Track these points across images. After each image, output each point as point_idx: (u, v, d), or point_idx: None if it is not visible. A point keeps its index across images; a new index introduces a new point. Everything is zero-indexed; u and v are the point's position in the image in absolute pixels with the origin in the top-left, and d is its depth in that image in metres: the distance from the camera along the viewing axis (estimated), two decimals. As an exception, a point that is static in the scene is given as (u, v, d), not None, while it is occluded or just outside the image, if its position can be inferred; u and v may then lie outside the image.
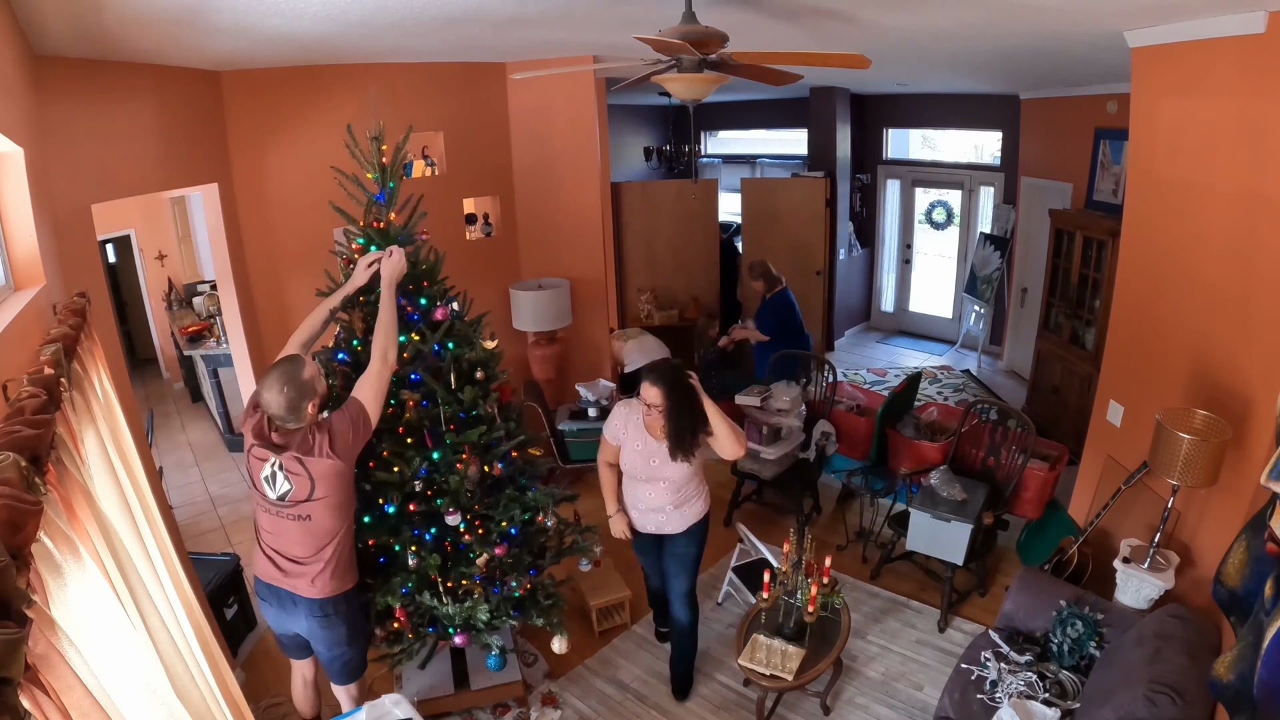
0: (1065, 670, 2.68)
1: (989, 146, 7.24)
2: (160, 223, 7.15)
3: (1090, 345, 4.97)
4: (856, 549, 4.20)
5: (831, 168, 7.14)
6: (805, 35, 3.34)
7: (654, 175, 8.94)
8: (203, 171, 3.75)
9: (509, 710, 3.15)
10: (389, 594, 2.72)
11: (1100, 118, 5.30)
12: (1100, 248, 4.85)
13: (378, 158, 2.71)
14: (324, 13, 2.55)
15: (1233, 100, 2.72)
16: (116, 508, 1.45)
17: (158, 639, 1.33)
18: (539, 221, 5.12)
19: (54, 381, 1.25)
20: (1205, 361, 2.89)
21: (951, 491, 3.49)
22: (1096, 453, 3.68)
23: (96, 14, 2.22)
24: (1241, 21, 2.53)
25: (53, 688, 0.80)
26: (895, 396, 4.44)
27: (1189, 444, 2.54)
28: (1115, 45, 3.26)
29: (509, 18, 2.90)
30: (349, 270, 2.81)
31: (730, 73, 2.35)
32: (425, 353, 2.73)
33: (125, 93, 3.14)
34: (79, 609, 0.99)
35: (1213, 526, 2.82)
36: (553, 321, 4.84)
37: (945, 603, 3.55)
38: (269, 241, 4.11)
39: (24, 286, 1.96)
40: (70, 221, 2.62)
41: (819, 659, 2.86)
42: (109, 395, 1.87)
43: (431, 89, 4.45)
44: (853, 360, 7.44)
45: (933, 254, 8.05)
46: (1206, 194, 2.89)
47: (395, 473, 2.66)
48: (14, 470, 0.90)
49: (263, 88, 3.90)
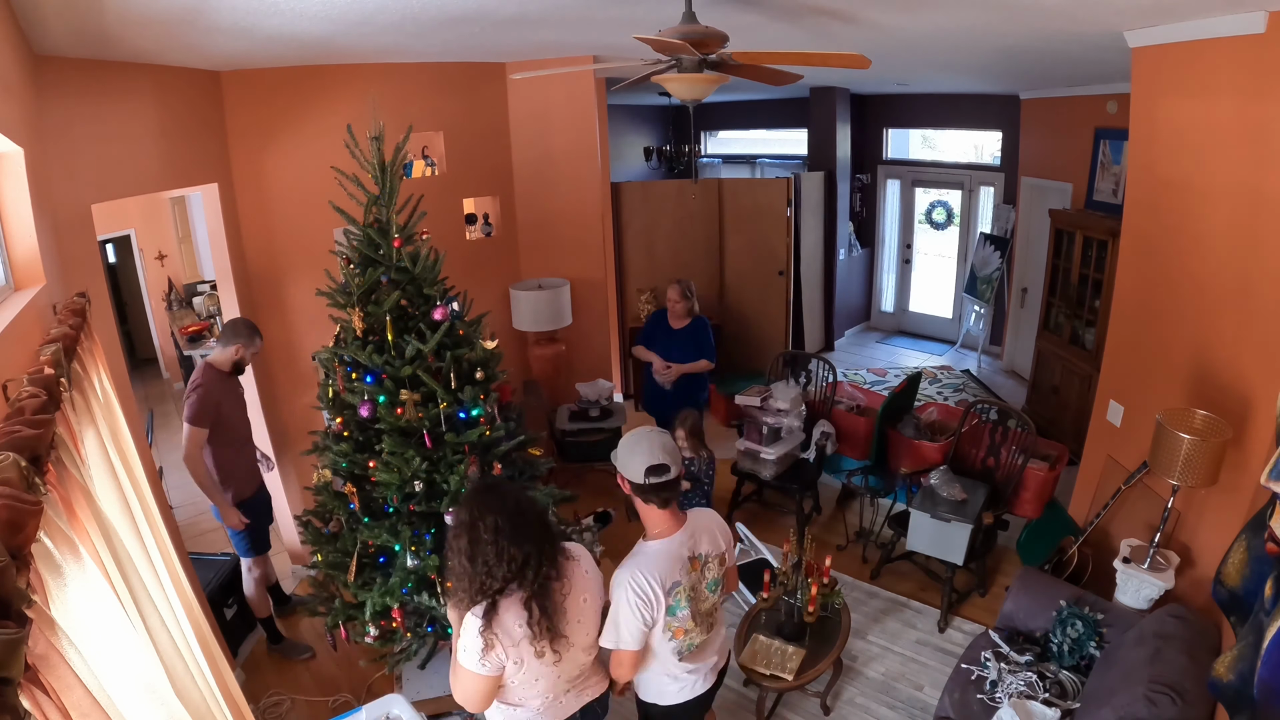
0: (1065, 670, 2.68)
1: (989, 146, 7.24)
2: (160, 223, 7.16)
3: (1090, 345, 4.97)
4: (856, 549, 4.20)
5: (831, 168, 7.14)
6: (805, 35, 3.34)
7: (654, 175, 8.94)
8: (203, 171, 3.75)
9: (509, 710, 3.14)
10: (388, 594, 2.72)
11: (1100, 118, 5.30)
12: (1100, 248, 4.85)
13: (378, 158, 2.71)
14: (324, 13, 2.55)
15: (1233, 100, 2.72)
16: (116, 508, 1.45)
17: (158, 639, 1.33)
18: (539, 221, 5.12)
19: (54, 381, 1.25)
20: (1205, 361, 2.89)
21: (951, 491, 3.49)
22: (1096, 453, 3.68)
23: (96, 14, 2.21)
24: (1241, 21, 2.53)
25: (53, 688, 0.80)
26: (895, 396, 4.44)
27: (1189, 444, 2.54)
28: (1115, 45, 3.26)
29: (509, 18, 2.90)
30: (349, 270, 2.82)
31: (730, 73, 2.35)
32: (425, 353, 2.73)
33: (125, 93, 3.14)
34: (79, 609, 0.99)
35: (1213, 526, 2.82)
36: (553, 321, 4.84)
37: (945, 603, 3.55)
38: (269, 241, 4.11)
39: (24, 286, 1.96)
40: (70, 221, 2.62)
41: (819, 659, 2.86)
42: (109, 395, 1.87)
43: (431, 89, 4.45)
44: (853, 360, 7.44)
45: (933, 254, 8.05)
46: (1207, 194, 2.89)
47: (395, 473, 2.66)
48: (14, 470, 0.90)
49: (263, 88, 3.89)
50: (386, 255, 2.75)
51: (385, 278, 2.76)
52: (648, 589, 1.93)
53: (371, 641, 2.84)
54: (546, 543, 1.87)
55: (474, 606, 1.82)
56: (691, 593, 2.02)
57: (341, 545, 2.86)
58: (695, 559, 2.04)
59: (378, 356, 2.71)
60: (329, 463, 2.89)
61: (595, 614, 1.99)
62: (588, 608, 1.96)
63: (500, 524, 1.78)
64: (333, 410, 2.86)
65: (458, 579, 1.83)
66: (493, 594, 1.80)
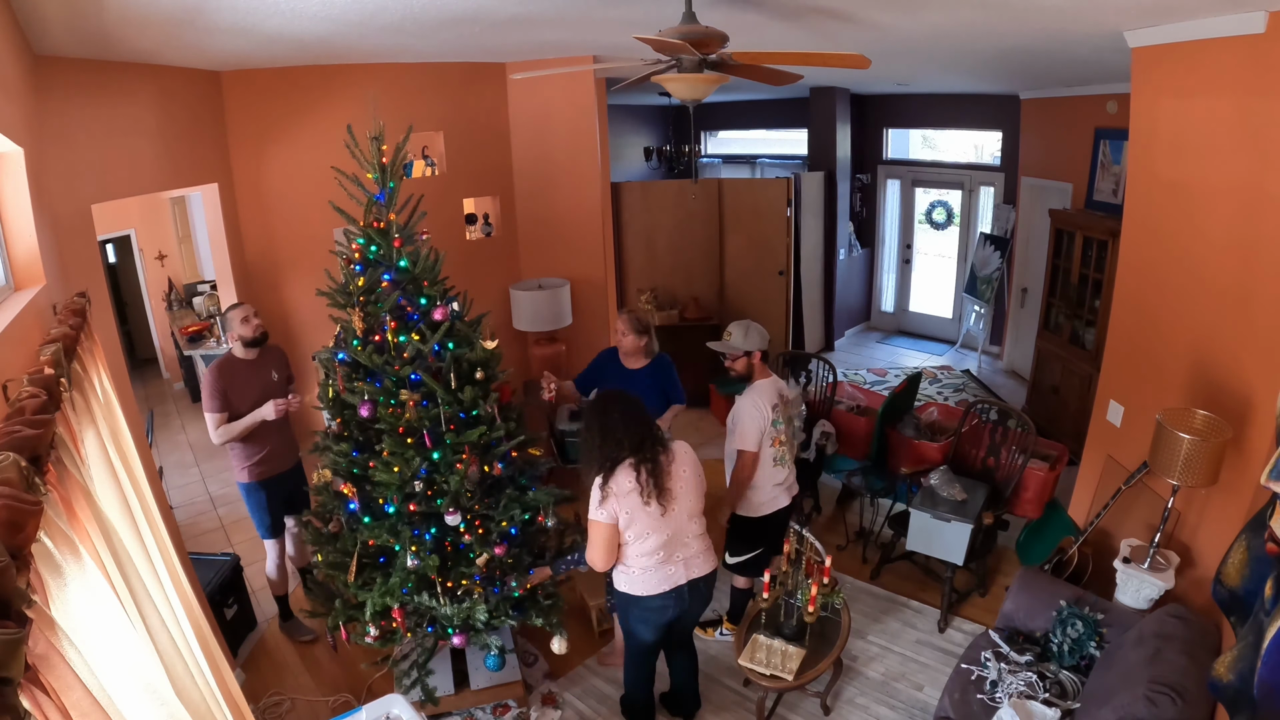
0: (1065, 670, 2.68)
1: (989, 146, 7.24)
2: (160, 223, 7.16)
3: (1090, 345, 4.97)
4: (856, 549, 4.20)
5: (831, 168, 7.14)
6: (805, 35, 3.34)
7: (654, 175, 8.94)
8: (203, 171, 3.75)
9: (509, 710, 3.15)
10: (388, 594, 2.72)
11: (1100, 118, 5.30)
12: (1100, 248, 4.85)
13: (377, 158, 2.71)
14: (324, 13, 2.55)
15: (1233, 100, 2.72)
16: (116, 508, 1.45)
17: (158, 639, 1.32)
18: (539, 221, 5.12)
19: (54, 381, 1.25)
20: (1205, 361, 2.89)
21: (951, 491, 3.49)
22: (1096, 453, 3.68)
23: (96, 14, 2.21)
24: (1241, 21, 2.53)
25: (53, 688, 0.80)
26: (895, 396, 4.43)
27: (1189, 444, 2.54)
28: (1115, 45, 3.26)
29: (509, 18, 2.90)
30: (349, 270, 2.82)
31: (730, 73, 2.35)
32: (425, 353, 2.73)
33: (125, 93, 3.14)
34: (79, 609, 0.99)
35: (1213, 526, 2.82)
36: (553, 321, 4.84)
37: (945, 603, 3.55)
38: (269, 241, 4.11)
39: (24, 286, 1.96)
40: (70, 221, 2.62)
41: (819, 659, 2.86)
42: (109, 395, 1.87)
43: (431, 89, 4.45)
44: (853, 360, 7.44)
45: (933, 254, 8.05)
46: (1207, 194, 2.89)
47: (395, 473, 2.66)
48: (14, 470, 0.90)
49: (263, 88, 3.90)
50: (386, 255, 2.75)
51: (386, 277, 2.76)
52: (762, 405, 3.03)
53: (371, 642, 2.84)
54: (653, 429, 2.51)
55: (600, 473, 2.43)
56: (783, 417, 3.13)
57: (341, 545, 2.87)
58: (776, 403, 3.08)
59: (378, 356, 2.71)
60: (329, 463, 2.89)
61: (695, 488, 2.56)
62: (689, 477, 2.53)
63: (626, 411, 2.45)
64: (333, 410, 2.86)
65: (589, 453, 2.47)
66: (616, 461, 2.41)
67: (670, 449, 2.53)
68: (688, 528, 2.55)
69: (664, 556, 2.50)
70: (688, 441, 2.65)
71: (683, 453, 2.57)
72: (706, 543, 2.64)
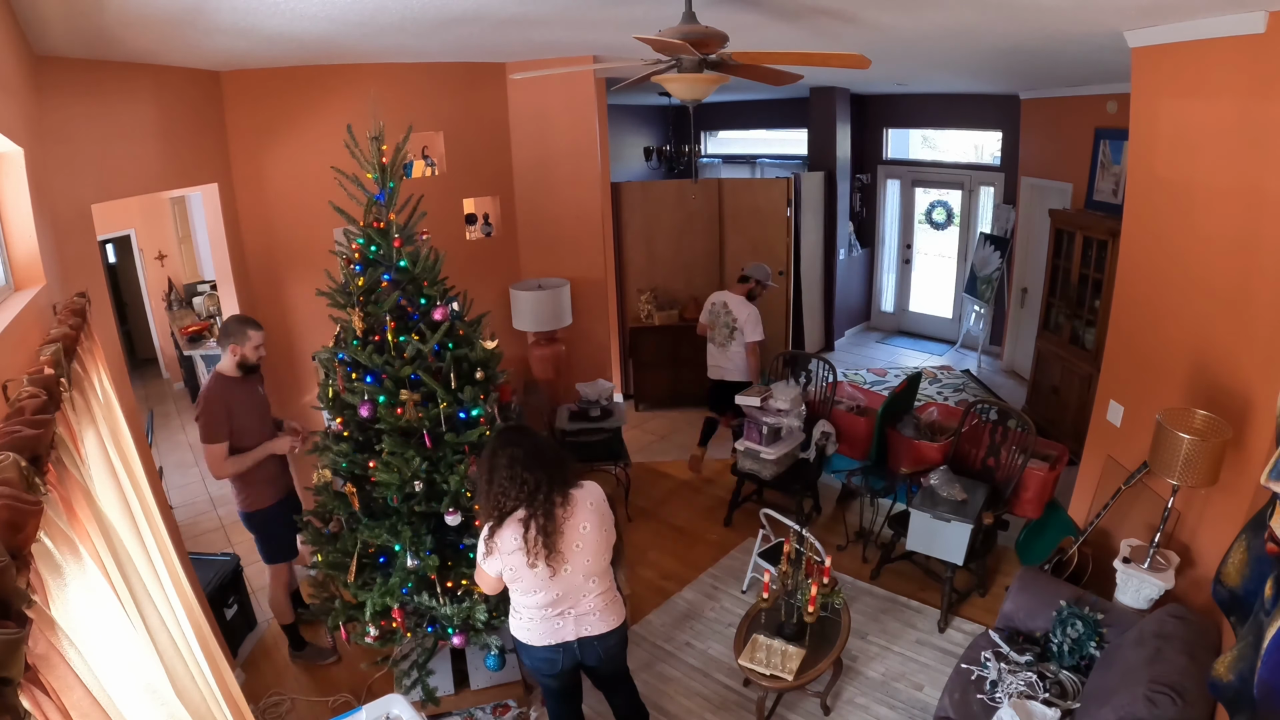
0: (1065, 670, 2.68)
1: (989, 146, 7.24)
2: (160, 223, 7.16)
3: (1090, 345, 4.97)
4: (856, 549, 4.20)
5: (831, 168, 7.14)
6: (805, 35, 3.34)
7: (654, 175, 8.94)
8: (203, 171, 3.75)
9: (509, 710, 3.15)
10: (388, 594, 2.72)
11: (1100, 118, 5.30)
12: (1100, 248, 4.85)
13: (377, 158, 2.71)
14: (324, 13, 2.55)
15: (1233, 100, 2.72)
16: (116, 508, 1.45)
17: (158, 639, 1.33)
18: (539, 221, 5.12)
19: (54, 381, 1.25)
20: (1205, 361, 2.89)
21: (951, 491, 3.49)
22: (1096, 453, 3.68)
23: (96, 14, 2.21)
24: (1241, 21, 2.53)
25: (53, 688, 0.80)
26: (895, 396, 4.44)
27: (1189, 444, 2.54)
28: (1115, 45, 3.26)
29: (509, 18, 2.90)
30: (349, 270, 2.82)
31: (730, 73, 2.35)
32: (425, 353, 2.73)
33: (125, 93, 3.14)
34: (79, 609, 0.99)
35: (1213, 526, 2.82)
36: (553, 321, 4.84)
37: (945, 603, 3.55)
38: (269, 241, 4.11)
39: (24, 286, 1.96)
40: (70, 221, 2.62)
41: (819, 659, 2.86)
42: (109, 395, 1.87)
43: (431, 89, 4.45)
44: (853, 360, 7.44)
45: (933, 254, 8.05)
46: (1207, 194, 2.89)
47: (395, 473, 2.66)
48: (14, 470, 0.90)
49: (263, 88, 3.89)
50: (386, 255, 2.75)
51: (386, 277, 2.76)
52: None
53: (371, 642, 2.85)
54: (557, 475, 2.21)
55: (489, 521, 2.20)
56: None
57: (341, 545, 2.86)
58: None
59: (378, 356, 2.71)
60: (329, 463, 2.89)
61: (597, 544, 2.26)
62: (588, 535, 2.23)
63: (517, 456, 2.16)
64: (333, 410, 2.86)
65: (478, 497, 2.24)
66: (504, 514, 2.17)
67: (570, 501, 2.21)
68: (583, 587, 2.28)
69: (551, 612, 2.28)
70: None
71: (585, 505, 2.24)
72: (606, 600, 2.35)
